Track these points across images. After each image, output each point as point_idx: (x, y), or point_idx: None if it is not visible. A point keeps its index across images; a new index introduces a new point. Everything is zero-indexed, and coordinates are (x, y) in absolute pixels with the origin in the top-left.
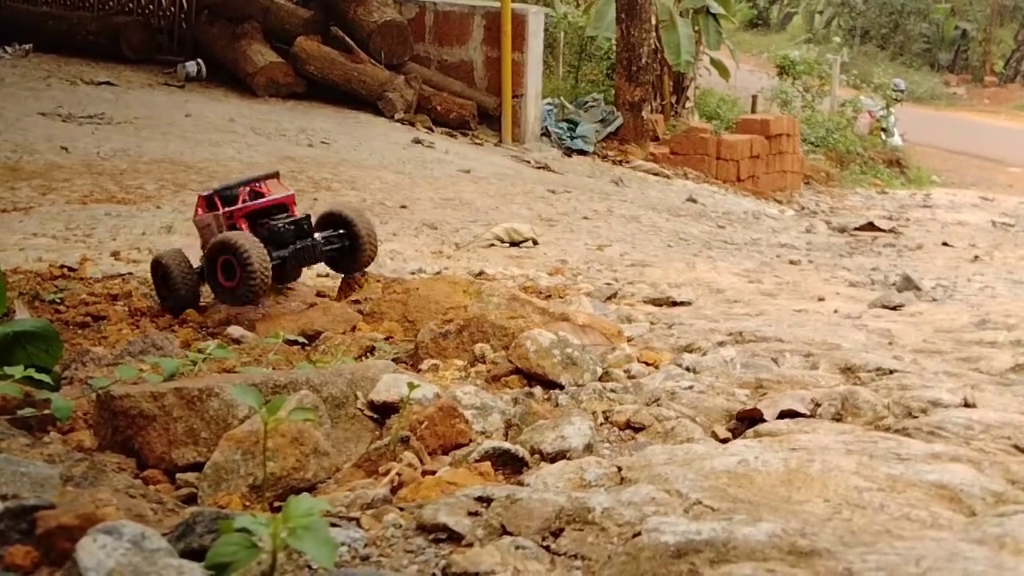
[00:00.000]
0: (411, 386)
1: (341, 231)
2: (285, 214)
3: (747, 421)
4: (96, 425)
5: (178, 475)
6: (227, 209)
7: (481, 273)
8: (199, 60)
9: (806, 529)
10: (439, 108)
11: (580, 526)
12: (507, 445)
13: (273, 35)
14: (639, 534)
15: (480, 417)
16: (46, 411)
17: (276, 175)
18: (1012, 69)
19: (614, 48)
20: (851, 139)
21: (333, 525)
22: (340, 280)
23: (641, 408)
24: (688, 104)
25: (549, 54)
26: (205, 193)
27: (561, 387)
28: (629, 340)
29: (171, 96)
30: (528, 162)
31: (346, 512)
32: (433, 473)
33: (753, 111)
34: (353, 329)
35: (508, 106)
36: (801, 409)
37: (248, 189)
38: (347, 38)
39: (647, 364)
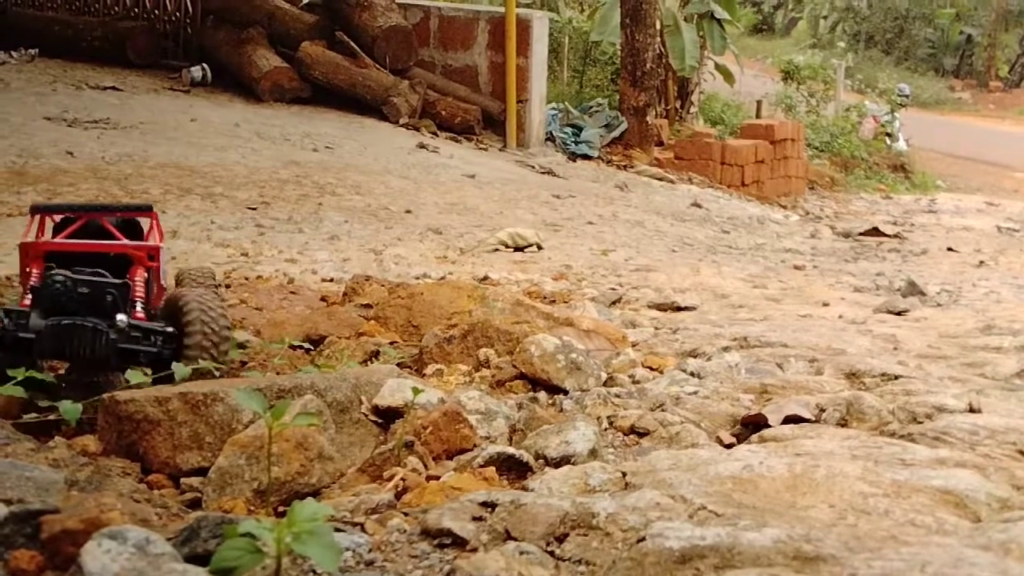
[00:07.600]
0: (415, 391)
1: (168, 329)
2: (100, 270)
3: (752, 426)
4: (101, 430)
5: (183, 480)
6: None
7: (485, 278)
8: (204, 65)
9: (811, 535)
10: (444, 113)
11: (584, 531)
12: (511, 450)
13: (278, 40)
14: (643, 539)
15: (484, 422)
16: (51, 416)
17: (149, 209)
18: (1017, 74)
19: (619, 53)
20: (856, 144)
21: (337, 530)
22: (344, 285)
23: (645, 413)
24: (692, 109)
25: (553, 59)
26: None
27: (565, 392)
28: (633, 345)
29: (176, 101)
30: (532, 167)
31: (351, 517)
32: (437, 478)
33: (758, 116)
34: (358, 334)
35: (512, 111)
36: (806, 414)
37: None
38: (352, 43)
39: (651, 369)
